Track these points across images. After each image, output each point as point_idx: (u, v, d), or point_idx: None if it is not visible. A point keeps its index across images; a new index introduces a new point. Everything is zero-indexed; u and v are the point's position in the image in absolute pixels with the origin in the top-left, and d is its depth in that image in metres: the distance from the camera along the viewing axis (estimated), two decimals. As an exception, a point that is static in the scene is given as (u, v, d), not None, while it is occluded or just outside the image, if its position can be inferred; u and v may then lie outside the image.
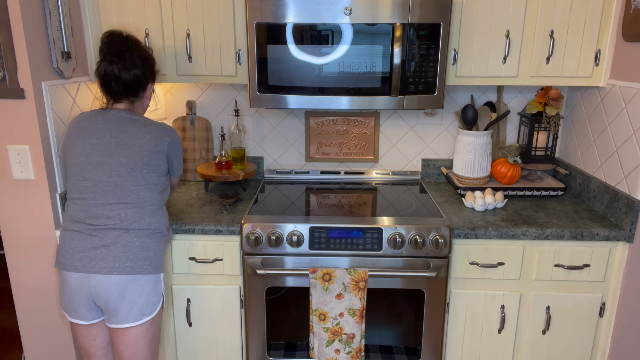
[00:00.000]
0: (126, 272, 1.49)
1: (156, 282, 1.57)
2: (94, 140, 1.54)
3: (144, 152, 1.55)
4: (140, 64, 1.59)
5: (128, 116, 1.59)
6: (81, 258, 1.49)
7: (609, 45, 1.85)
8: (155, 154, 1.58)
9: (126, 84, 1.58)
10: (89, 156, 1.53)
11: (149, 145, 1.56)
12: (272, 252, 1.77)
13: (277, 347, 1.89)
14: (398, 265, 1.77)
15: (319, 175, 2.34)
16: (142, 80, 1.61)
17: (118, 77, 1.56)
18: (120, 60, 1.55)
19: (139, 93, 1.63)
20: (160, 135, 1.59)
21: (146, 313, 1.54)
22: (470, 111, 2.06)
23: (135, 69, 1.58)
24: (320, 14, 1.77)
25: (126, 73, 1.56)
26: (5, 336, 2.69)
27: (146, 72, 1.62)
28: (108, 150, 1.53)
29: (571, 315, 1.84)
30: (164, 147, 1.60)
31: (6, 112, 1.61)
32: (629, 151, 1.75)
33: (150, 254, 1.54)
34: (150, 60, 1.65)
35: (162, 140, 1.59)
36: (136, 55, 1.58)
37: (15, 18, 1.53)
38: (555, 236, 1.75)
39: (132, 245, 1.51)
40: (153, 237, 1.57)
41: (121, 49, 1.57)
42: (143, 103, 1.68)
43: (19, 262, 1.76)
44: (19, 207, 1.70)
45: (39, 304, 1.81)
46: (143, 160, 1.55)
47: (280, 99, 1.87)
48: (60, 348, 1.86)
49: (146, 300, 1.54)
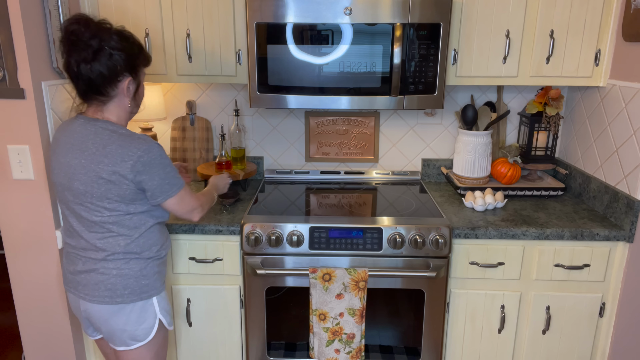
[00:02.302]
0: (105, 302, 1.38)
1: (144, 309, 1.43)
2: (60, 157, 1.36)
3: (101, 180, 1.31)
4: (106, 55, 1.30)
5: (92, 128, 1.33)
6: (71, 280, 1.45)
7: (609, 45, 1.85)
8: (113, 183, 1.31)
9: (88, 80, 1.31)
10: (57, 176, 1.38)
11: (106, 172, 1.30)
12: (272, 252, 1.77)
13: (277, 347, 1.89)
14: (398, 265, 1.77)
15: (319, 175, 2.34)
16: (108, 75, 1.32)
17: (77, 73, 1.31)
18: (75, 51, 1.29)
19: (107, 91, 1.34)
20: (120, 158, 1.30)
21: (138, 339, 1.43)
22: (470, 111, 2.06)
23: (95, 61, 1.29)
24: (320, 14, 1.77)
25: (85, 67, 1.29)
26: (5, 336, 2.69)
27: (115, 64, 1.32)
28: (69, 173, 1.34)
29: (571, 315, 1.84)
30: (125, 174, 1.31)
31: (6, 112, 1.61)
32: (629, 151, 1.75)
33: (130, 282, 1.39)
34: (124, 49, 1.33)
35: (121, 165, 1.30)
36: (96, 45, 1.29)
37: (15, 18, 1.53)
38: (555, 236, 1.75)
39: (110, 274, 1.38)
40: (133, 264, 1.40)
41: (72, 38, 1.29)
42: (120, 103, 1.39)
43: (19, 262, 1.76)
44: (19, 207, 1.70)
45: (39, 304, 1.81)
46: (100, 189, 1.32)
47: (280, 99, 1.87)
48: (60, 348, 1.86)
49: (134, 327, 1.42)
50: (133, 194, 1.35)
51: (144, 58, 1.42)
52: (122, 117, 1.42)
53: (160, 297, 1.48)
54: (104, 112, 1.38)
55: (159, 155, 1.34)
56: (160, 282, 1.49)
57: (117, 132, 1.33)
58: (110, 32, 1.33)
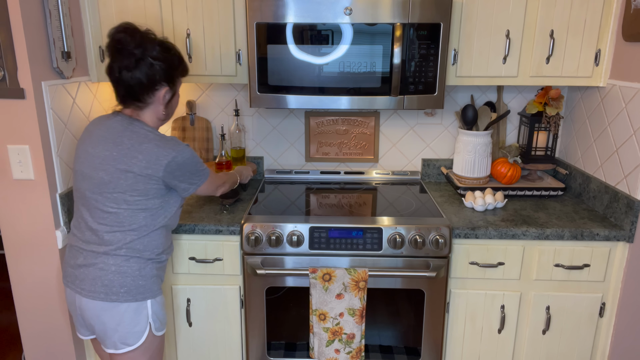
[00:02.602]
0: (100, 298, 1.39)
1: (138, 311, 1.43)
2: (89, 148, 1.42)
3: (130, 174, 1.37)
4: (147, 65, 1.39)
5: (129, 126, 1.41)
6: (70, 274, 1.46)
7: (609, 45, 1.85)
8: (144, 177, 1.38)
9: (128, 87, 1.40)
10: (82, 165, 1.43)
11: (138, 167, 1.37)
12: (272, 252, 1.77)
13: (277, 347, 1.89)
14: (398, 265, 1.77)
15: (319, 175, 2.34)
16: (147, 84, 1.41)
17: (118, 79, 1.40)
18: (120, 58, 1.38)
19: (144, 98, 1.43)
20: (155, 156, 1.38)
21: (128, 343, 1.43)
22: (470, 111, 2.06)
23: (136, 70, 1.38)
24: (320, 14, 1.77)
25: (126, 74, 1.38)
26: (5, 336, 2.69)
27: (153, 74, 1.40)
28: (96, 163, 1.40)
29: (571, 315, 1.84)
30: (158, 171, 1.39)
31: (6, 112, 1.61)
32: (629, 151, 1.75)
33: (127, 280, 1.40)
34: (164, 60, 1.42)
35: (155, 162, 1.38)
36: (139, 54, 1.38)
37: (15, 18, 1.53)
38: (555, 236, 1.75)
39: (108, 270, 1.40)
40: (133, 263, 1.42)
41: (117, 47, 1.38)
42: (155, 110, 1.47)
43: (19, 262, 1.76)
44: (19, 207, 1.70)
45: (39, 304, 1.81)
46: (127, 182, 1.38)
47: (280, 99, 1.87)
48: (60, 348, 1.85)
49: (126, 330, 1.41)
50: (156, 190, 1.42)
51: (182, 69, 1.51)
52: (155, 124, 1.51)
53: (154, 301, 1.47)
54: (139, 115, 1.47)
55: (191, 155, 1.46)
56: (157, 286, 1.49)
57: (153, 133, 1.43)
58: (153, 43, 1.41)
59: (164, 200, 1.45)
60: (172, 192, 1.48)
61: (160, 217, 1.46)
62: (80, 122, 1.88)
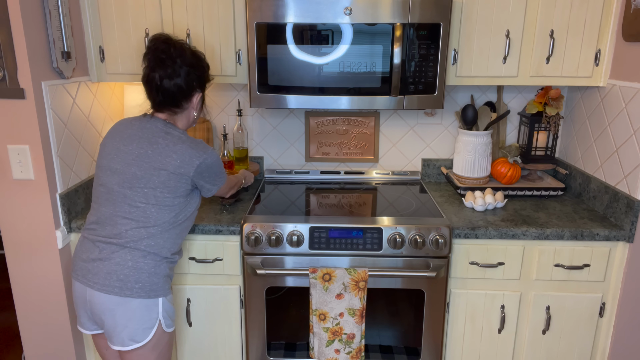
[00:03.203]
0: (115, 292, 1.42)
1: (150, 308, 1.46)
2: (121, 145, 1.48)
3: (164, 171, 1.45)
4: (185, 72, 1.49)
5: (164, 128, 1.50)
6: (82, 268, 1.47)
7: (609, 45, 1.85)
8: (176, 175, 1.46)
9: (168, 93, 1.49)
10: (111, 161, 1.48)
11: (172, 166, 1.45)
12: (272, 252, 1.77)
13: (277, 347, 1.89)
14: (398, 265, 1.77)
15: (319, 175, 2.34)
16: (186, 90, 1.51)
17: (159, 86, 1.48)
18: (161, 68, 1.47)
19: (182, 104, 1.53)
20: (188, 157, 1.47)
21: (136, 339, 1.44)
22: (470, 111, 2.06)
23: (177, 78, 1.48)
24: (320, 14, 1.77)
25: (168, 82, 1.47)
26: (5, 336, 2.69)
27: (191, 81, 1.51)
28: (129, 160, 1.46)
29: (571, 315, 1.84)
30: (189, 171, 1.47)
31: (6, 112, 1.61)
32: (629, 151, 1.75)
33: (143, 276, 1.44)
34: (199, 68, 1.53)
35: (189, 162, 1.47)
36: (180, 63, 1.48)
37: (15, 18, 1.53)
38: (555, 236, 1.75)
39: (125, 265, 1.43)
40: (149, 259, 1.46)
41: (162, 56, 1.47)
42: (188, 114, 1.57)
43: (19, 262, 1.76)
44: (19, 207, 1.70)
45: (39, 304, 1.81)
46: (160, 179, 1.45)
47: (281, 99, 1.87)
48: (60, 348, 1.86)
49: (136, 325, 1.44)
50: (184, 189, 1.49)
51: (209, 75, 1.62)
52: (185, 127, 1.60)
53: (165, 299, 1.50)
54: (172, 120, 1.55)
55: (218, 158, 1.56)
56: (169, 284, 1.53)
57: (185, 135, 1.52)
58: (189, 52, 1.52)
59: (187, 199, 1.52)
60: (195, 192, 1.56)
61: (182, 214, 1.52)
62: (80, 122, 1.88)
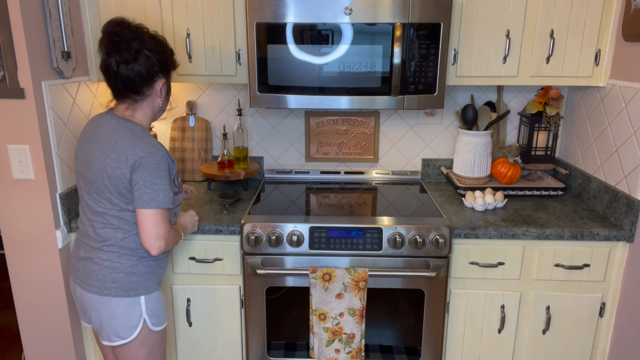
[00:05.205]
0: (94, 292, 1.42)
1: (131, 307, 1.43)
2: (83, 147, 1.44)
3: (105, 174, 1.36)
4: (144, 57, 1.38)
5: (113, 124, 1.40)
6: (73, 265, 1.51)
7: (609, 45, 1.85)
8: (114, 178, 1.35)
9: (126, 80, 1.38)
10: (77, 162, 1.46)
11: (110, 167, 1.35)
12: (272, 252, 1.77)
13: (277, 347, 1.89)
14: (398, 265, 1.77)
15: (319, 175, 2.34)
16: (146, 76, 1.40)
17: (117, 73, 1.38)
18: (116, 52, 1.36)
19: (142, 91, 1.42)
20: (124, 155, 1.34)
21: (121, 336, 1.43)
22: (470, 111, 2.06)
23: (135, 63, 1.37)
24: (320, 14, 1.77)
25: (125, 68, 1.37)
26: (5, 336, 2.69)
27: (151, 66, 1.40)
28: (86, 162, 1.41)
29: (571, 315, 1.84)
30: (126, 170, 1.34)
31: (6, 112, 1.61)
32: (629, 151, 1.75)
33: (119, 276, 1.41)
34: (159, 52, 1.43)
35: (124, 162, 1.34)
36: (137, 46, 1.37)
37: (15, 18, 1.53)
38: (555, 236, 1.75)
39: (102, 264, 1.42)
40: (125, 259, 1.42)
41: (115, 39, 1.36)
42: (152, 102, 1.46)
43: (19, 262, 1.76)
44: (19, 207, 1.70)
45: (39, 304, 1.81)
46: (103, 183, 1.36)
47: (280, 99, 1.87)
48: (60, 348, 1.86)
49: (119, 323, 1.43)
50: (129, 192, 1.38)
51: (174, 62, 1.51)
52: (149, 117, 1.49)
53: (149, 297, 1.47)
54: (134, 110, 1.45)
55: (158, 163, 1.36)
56: (153, 282, 1.49)
57: (133, 132, 1.39)
58: (147, 36, 1.41)
59: None
60: None
61: None
62: (80, 122, 1.88)
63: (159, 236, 1.39)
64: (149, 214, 1.36)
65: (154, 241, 1.38)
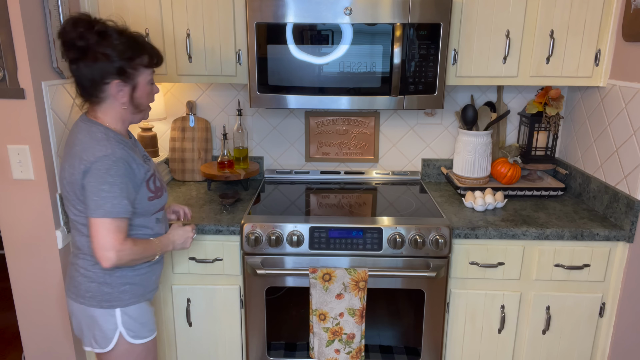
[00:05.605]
0: (72, 298, 1.41)
1: (105, 318, 1.37)
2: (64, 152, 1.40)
3: (65, 180, 1.32)
4: (93, 56, 1.26)
5: (82, 126, 1.33)
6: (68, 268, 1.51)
7: (609, 45, 1.85)
8: (72, 184, 1.30)
9: (77, 81, 1.31)
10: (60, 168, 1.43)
11: (67, 172, 1.31)
12: (272, 252, 1.77)
13: (277, 347, 1.89)
14: (398, 265, 1.77)
15: (319, 175, 2.34)
16: (91, 77, 1.28)
17: (72, 72, 1.30)
18: (68, 51, 1.28)
19: (95, 94, 1.31)
20: (79, 159, 1.27)
21: (100, 345, 1.39)
22: (470, 111, 2.06)
23: (81, 62, 1.26)
24: (320, 14, 1.77)
25: (74, 68, 1.29)
26: (5, 336, 2.69)
27: (102, 67, 1.27)
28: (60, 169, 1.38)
29: (571, 315, 1.84)
30: (78, 175, 1.28)
31: (6, 112, 1.61)
32: (629, 151, 1.75)
33: (92, 286, 1.36)
34: (115, 51, 1.27)
35: (78, 166, 1.27)
36: (83, 45, 1.25)
37: (15, 18, 1.53)
38: (555, 236, 1.75)
39: (78, 272, 1.39)
40: (97, 269, 1.37)
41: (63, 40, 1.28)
42: (113, 105, 1.34)
43: (19, 262, 1.76)
44: (19, 207, 1.70)
45: (39, 304, 1.81)
46: (66, 189, 1.33)
47: (280, 99, 1.87)
48: (60, 348, 1.85)
49: (95, 332, 1.39)
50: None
51: (142, 58, 1.34)
52: (118, 119, 1.36)
53: (125, 310, 1.39)
54: (97, 112, 1.35)
55: (108, 168, 1.26)
56: (130, 295, 1.40)
57: (92, 134, 1.30)
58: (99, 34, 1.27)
59: None
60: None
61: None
62: (80, 122, 1.87)
63: (106, 247, 1.26)
64: (96, 223, 1.26)
65: (102, 252, 1.26)
